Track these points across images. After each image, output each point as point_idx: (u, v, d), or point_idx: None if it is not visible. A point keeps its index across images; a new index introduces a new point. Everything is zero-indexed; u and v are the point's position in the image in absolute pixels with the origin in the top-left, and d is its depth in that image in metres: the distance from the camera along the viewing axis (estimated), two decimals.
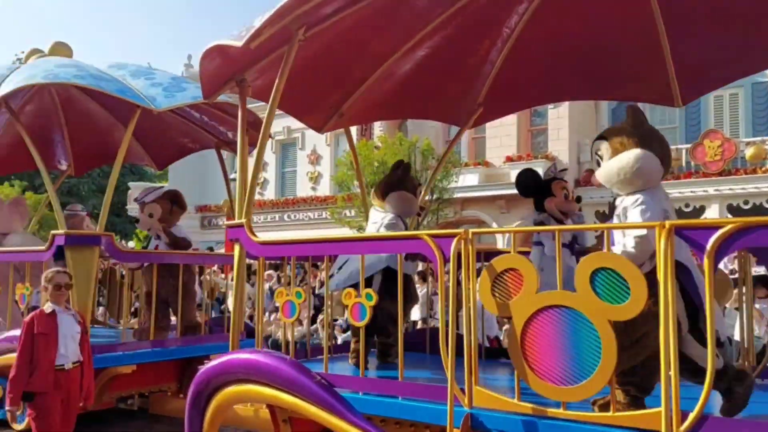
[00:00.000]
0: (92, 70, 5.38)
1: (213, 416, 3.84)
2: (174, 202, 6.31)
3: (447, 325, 3.12)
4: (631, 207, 2.88)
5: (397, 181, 4.42)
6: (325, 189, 23.33)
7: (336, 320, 9.58)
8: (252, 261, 4.51)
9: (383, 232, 4.08)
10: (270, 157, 24.80)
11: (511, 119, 18.85)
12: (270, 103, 3.91)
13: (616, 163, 2.95)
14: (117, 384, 5.37)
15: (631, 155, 2.92)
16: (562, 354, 2.74)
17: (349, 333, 10.32)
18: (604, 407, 2.80)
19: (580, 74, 5.35)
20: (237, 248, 4.20)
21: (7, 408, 3.85)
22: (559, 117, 18.76)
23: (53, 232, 5.05)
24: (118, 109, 7.07)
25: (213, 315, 7.72)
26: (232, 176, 21.29)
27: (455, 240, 3.02)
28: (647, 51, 4.77)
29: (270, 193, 25.06)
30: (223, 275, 10.45)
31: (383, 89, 5.56)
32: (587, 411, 2.79)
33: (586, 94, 6.24)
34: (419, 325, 7.78)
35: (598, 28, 4.77)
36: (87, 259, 4.95)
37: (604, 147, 3.06)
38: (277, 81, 3.88)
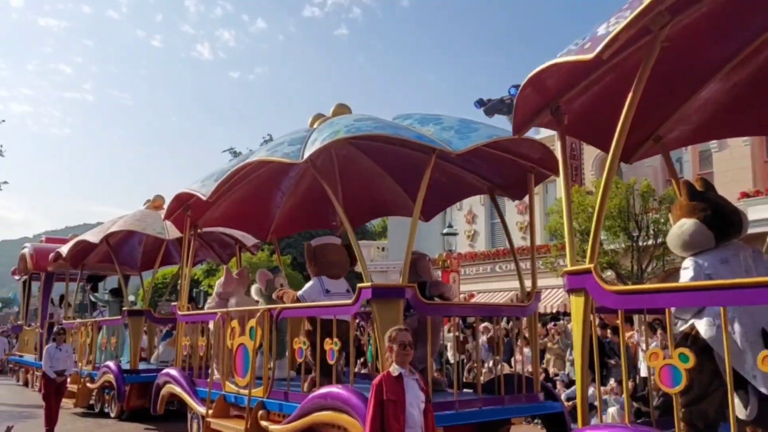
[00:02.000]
0: (387, 121, 5.34)
1: None
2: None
3: None
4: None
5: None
6: (536, 238, 22.43)
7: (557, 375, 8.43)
8: None
9: None
10: (479, 209, 24.97)
11: (743, 151, 16.95)
12: (621, 123, 3.27)
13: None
14: None
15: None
16: None
17: (569, 390, 9.00)
18: None
19: None
20: (575, 300, 3.56)
21: None
22: None
23: (360, 285, 4.96)
24: (392, 165, 7.10)
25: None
26: (444, 231, 21.18)
27: None
28: None
29: (480, 245, 25.02)
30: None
31: (710, 104, 4.62)
32: None
33: None
34: None
35: None
36: (393, 311, 4.72)
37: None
38: (630, 96, 3.23)
